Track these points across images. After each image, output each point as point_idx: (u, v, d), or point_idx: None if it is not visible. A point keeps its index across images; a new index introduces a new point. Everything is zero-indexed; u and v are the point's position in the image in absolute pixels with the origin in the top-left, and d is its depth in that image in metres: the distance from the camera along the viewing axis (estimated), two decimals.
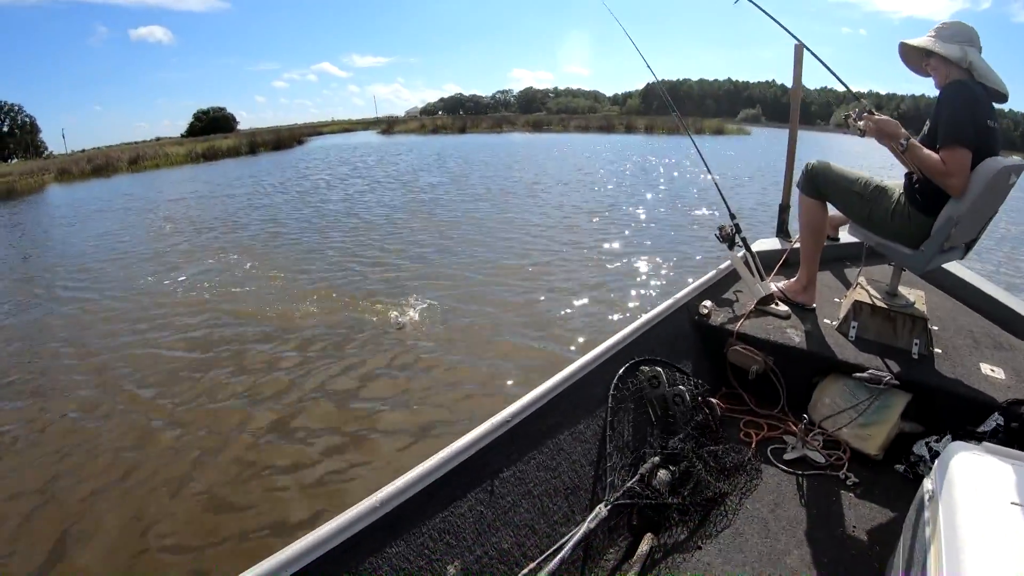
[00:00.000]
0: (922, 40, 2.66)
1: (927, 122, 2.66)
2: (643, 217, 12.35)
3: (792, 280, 3.29)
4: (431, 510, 1.71)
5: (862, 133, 2.73)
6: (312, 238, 11.10)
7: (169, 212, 15.96)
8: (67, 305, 7.92)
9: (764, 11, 3.55)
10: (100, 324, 6.98)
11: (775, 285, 3.24)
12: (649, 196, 15.19)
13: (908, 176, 2.76)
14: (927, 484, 1.53)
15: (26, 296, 8.59)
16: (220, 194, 19.19)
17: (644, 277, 7.98)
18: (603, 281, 7.74)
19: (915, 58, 2.75)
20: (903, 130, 2.57)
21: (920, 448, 2.40)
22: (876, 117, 2.66)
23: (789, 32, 3.55)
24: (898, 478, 2.38)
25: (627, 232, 10.76)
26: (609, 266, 8.43)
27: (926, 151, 2.49)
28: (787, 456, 2.51)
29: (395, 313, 5.93)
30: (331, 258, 9.55)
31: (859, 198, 2.86)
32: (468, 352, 5.56)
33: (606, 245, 9.78)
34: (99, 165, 38.64)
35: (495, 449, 1.93)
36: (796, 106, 4.07)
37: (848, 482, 2.36)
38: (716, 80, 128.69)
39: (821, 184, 3.00)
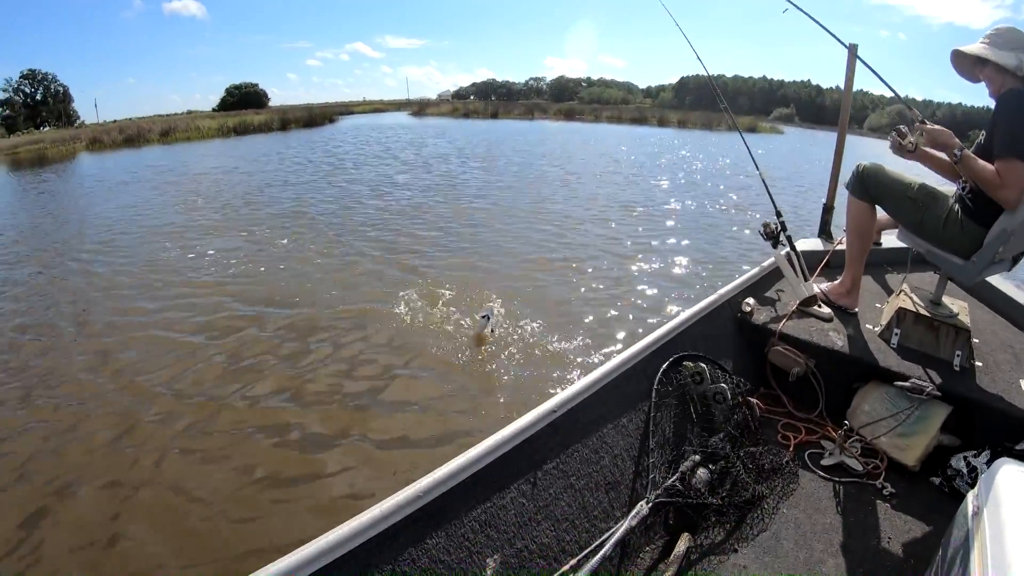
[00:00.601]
0: (976, 47, 2.59)
1: (982, 132, 2.61)
2: (680, 211, 12.30)
3: (835, 282, 3.24)
4: (473, 501, 1.70)
5: (914, 147, 2.67)
6: (340, 219, 11.09)
7: (200, 186, 16.05)
8: (78, 276, 8.00)
9: (814, 19, 3.51)
10: (109, 299, 7.03)
11: (817, 287, 3.20)
12: (688, 191, 15.12)
13: (961, 185, 2.71)
14: (971, 499, 1.51)
15: (45, 264, 8.73)
16: (255, 170, 19.18)
17: (681, 273, 7.92)
18: (638, 277, 7.70)
19: (967, 66, 2.69)
20: (956, 140, 2.52)
21: (958, 462, 2.36)
22: (929, 127, 2.61)
23: (838, 39, 3.50)
24: (934, 491, 2.34)
25: (666, 225, 10.75)
26: (645, 264, 8.34)
27: (980, 162, 2.44)
28: (824, 462, 2.48)
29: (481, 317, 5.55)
30: (363, 241, 9.48)
31: (911, 203, 2.79)
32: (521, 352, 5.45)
33: (644, 240, 9.73)
34: (130, 135, 38.87)
35: (539, 440, 1.91)
36: (847, 107, 4.03)
37: (884, 492, 2.33)
38: (751, 77, 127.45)
39: (872, 186, 2.93)
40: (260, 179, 16.72)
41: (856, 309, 3.13)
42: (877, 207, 3.03)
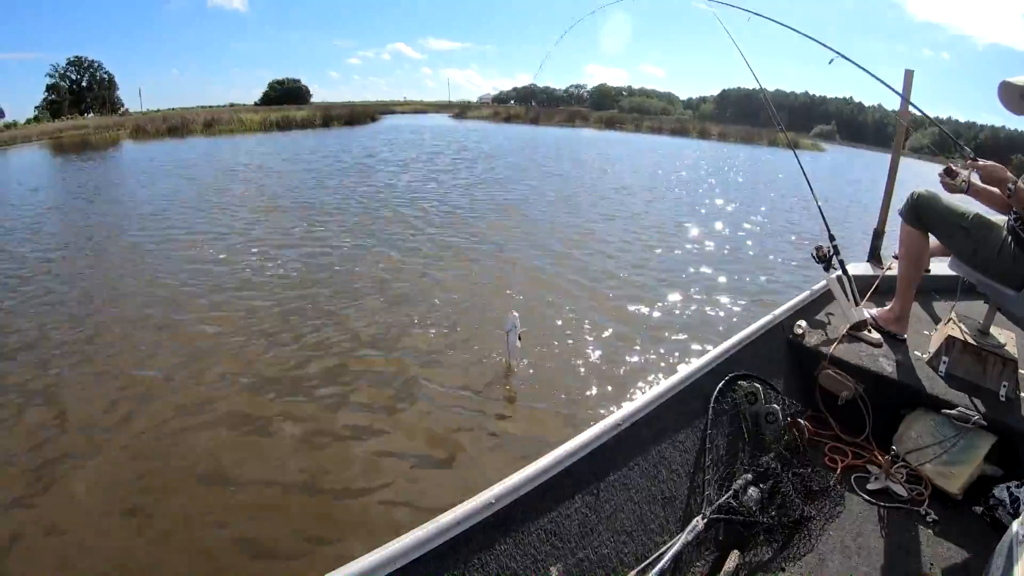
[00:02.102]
0: None
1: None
2: (733, 230, 12.20)
3: (885, 308, 3.26)
4: (541, 510, 1.76)
5: (966, 187, 2.71)
6: (388, 223, 11.02)
7: (254, 179, 16.42)
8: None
9: (861, 67, 3.51)
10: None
11: (868, 312, 3.22)
12: (739, 210, 14.96)
13: (1013, 216, 2.73)
14: (1016, 528, 1.55)
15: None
16: (310, 167, 19.23)
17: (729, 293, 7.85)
18: (684, 294, 7.67)
19: (1015, 98, 2.70)
20: (1009, 174, 2.56)
21: (1001, 492, 2.37)
22: (982, 163, 2.64)
23: (887, 85, 3.52)
24: (976, 520, 2.37)
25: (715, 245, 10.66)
26: (689, 286, 8.28)
27: None
28: (870, 486, 2.52)
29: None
30: (409, 244, 9.45)
31: (965, 233, 2.80)
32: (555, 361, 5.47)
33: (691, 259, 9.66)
34: (174, 125, 39.54)
35: (604, 452, 1.98)
36: (901, 132, 4.04)
37: (928, 518, 2.36)
38: (792, 92, 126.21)
39: (926, 215, 2.95)
40: (312, 178, 16.90)
41: (905, 336, 3.15)
42: (929, 235, 3.04)
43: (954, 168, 2.71)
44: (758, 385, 2.59)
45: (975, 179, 2.72)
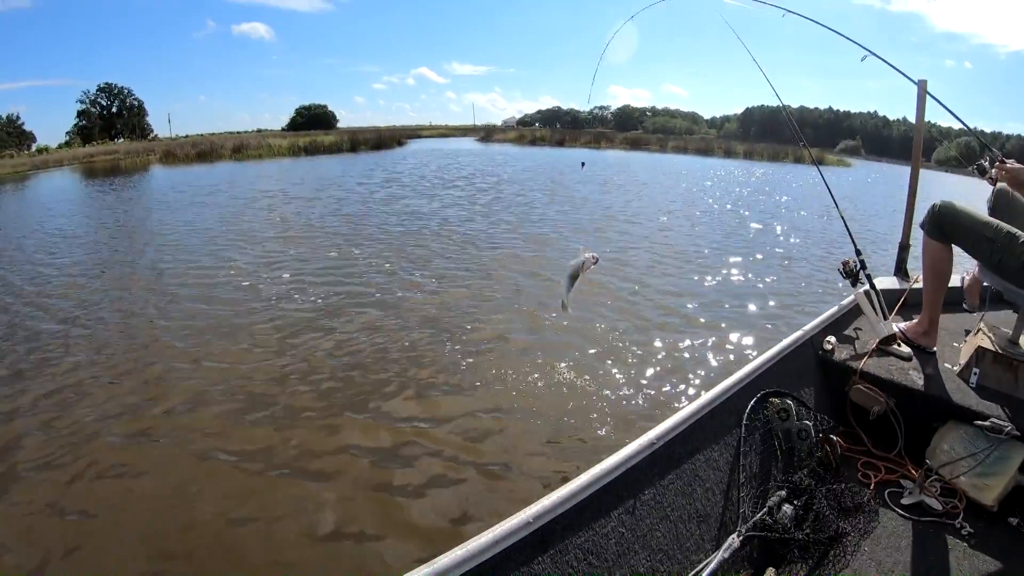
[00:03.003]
0: None
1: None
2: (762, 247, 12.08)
3: (913, 322, 3.24)
4: (578, 529, 1.78)
5: (993, 182, 2.71)
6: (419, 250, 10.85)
7: (289, 207, 16.38)
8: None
9: (890, 64, 3.53)
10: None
11: (896, 326, 3.21)
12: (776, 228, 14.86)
13: None
14: None
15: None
16: (343, 196, 19.01)
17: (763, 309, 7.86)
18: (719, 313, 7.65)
19: None
20: None
21: None
22: (1010, 165, 2.65)
23: (911, 80, 3.53)
24: (1012, 531, 2.35)
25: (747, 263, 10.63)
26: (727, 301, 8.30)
27: None
28: (904, 500, 2.52)
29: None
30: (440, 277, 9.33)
31: (990, 243, 2.77)
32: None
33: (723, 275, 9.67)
34: (203, 150, 40.36)
35: (639, 470, 2.00)
36: (919, 144, 4.04)
37: (963, 531, 2.35)
38: (816, 108, 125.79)
39: (948, 227, 2.93)
40: (347, 206, 16.74)
41: (934, 348, 3.13)
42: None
43: (985, 166, 2.72)
44: (790, 402, 2.59)
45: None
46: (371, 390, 5.09)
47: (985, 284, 3.06)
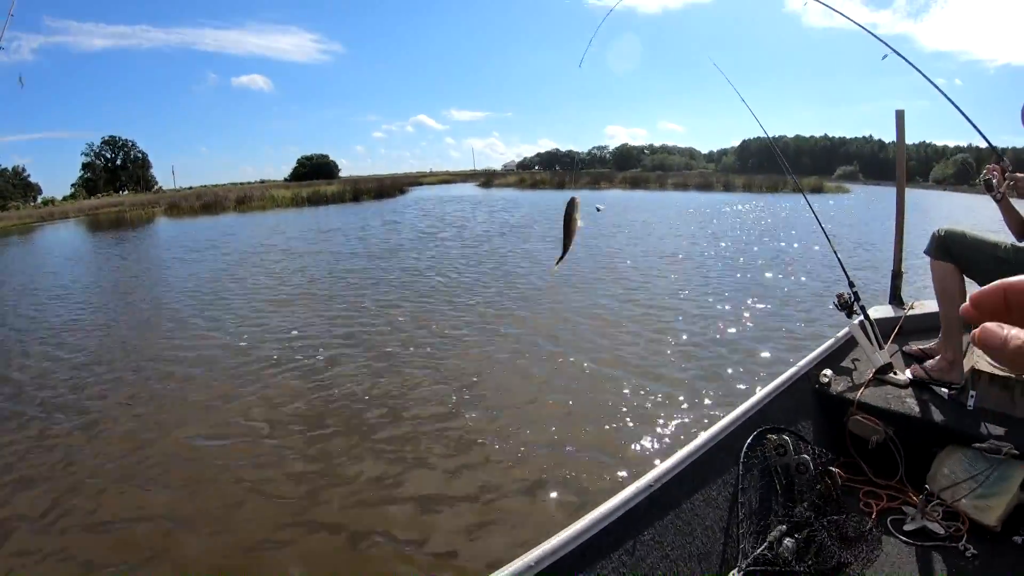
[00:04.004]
0: None
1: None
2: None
3: (935, 359, 3.14)
4: (579, 571, 1.82)
5: (1000, 196, 2.75)
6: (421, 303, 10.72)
7: (293, 260, 16.35)
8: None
9: (910, 63, 3.56)
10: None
11: (919, 366, 3.15)
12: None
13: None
14: None
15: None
16: (348, 249, 18.61)
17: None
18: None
19: None
20: None
21: None
22: (1020, 175, 2.68)
23: (931, 81, 3.56)
24: (1017, 549, 2.37)
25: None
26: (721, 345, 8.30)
27: None
28: (907, 527, 2.54)
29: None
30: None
31: (1001, 263, 2.78)
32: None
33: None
34: (208, 202, 40.80)
35: (637, 513, 2.04)
36: (902, 171, 4.11)
37: (967, 553, 2.36)
38: (812, 136, 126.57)
39: (956, 248, 2.94)
40: (357, 262, 16.74)
41: (961, 383, 2.97)
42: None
43: (993, 183, 2.75)
44: (787, 437, 2.62)
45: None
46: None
47: None
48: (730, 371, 6.55)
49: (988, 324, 0.44)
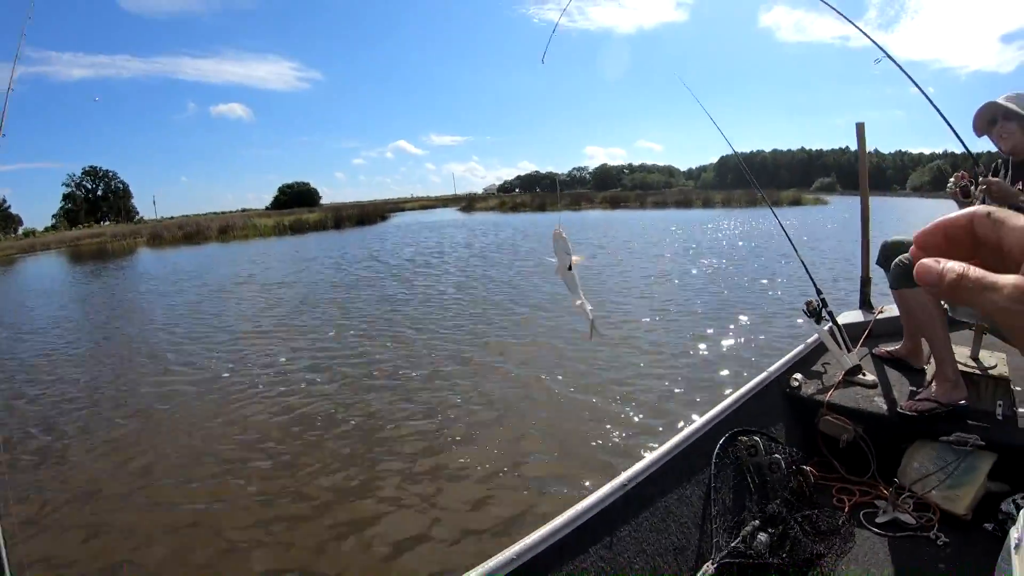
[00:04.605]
0: (1012, 106, 2.84)
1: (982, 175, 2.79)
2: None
3: (935, 384, 2.97)
4: (558, 565, 1.89)
5: (968, 196, 2.85)
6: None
7: (282, 292, 15.82)
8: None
9: (901, 68, 3.62)
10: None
11: (925, 400, 2.96)
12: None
13: None
14: (1013, 534, 1.64)
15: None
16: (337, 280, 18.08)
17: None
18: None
19: (983, 123, 2.98)
20: (1017, 191, 2.72)
21: (1008, 506, 2.45)
22: (993, 180, 2.79)
23: (920, 88, 3.64)
24: (987, 537, 2.44)
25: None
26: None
27: None
28: (879, 520, 2.62)
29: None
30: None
31: None
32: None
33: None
34: (189, 232, 40.56)
35: (614, 510, 2.11)
36: (864, 184, 4.24)
37: (939, 542, 2.44)
38: (789, 150, 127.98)
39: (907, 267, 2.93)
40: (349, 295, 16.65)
41: (963, 401, 2.87)
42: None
43: (969, 189, 2.85)
44: (757, 438, 2.71)
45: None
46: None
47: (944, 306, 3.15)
48: (711, 381, 6.66)
49: (924, 260, 0.45)
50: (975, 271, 0.43)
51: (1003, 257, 0.44)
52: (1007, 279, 0.41)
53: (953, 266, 0.43)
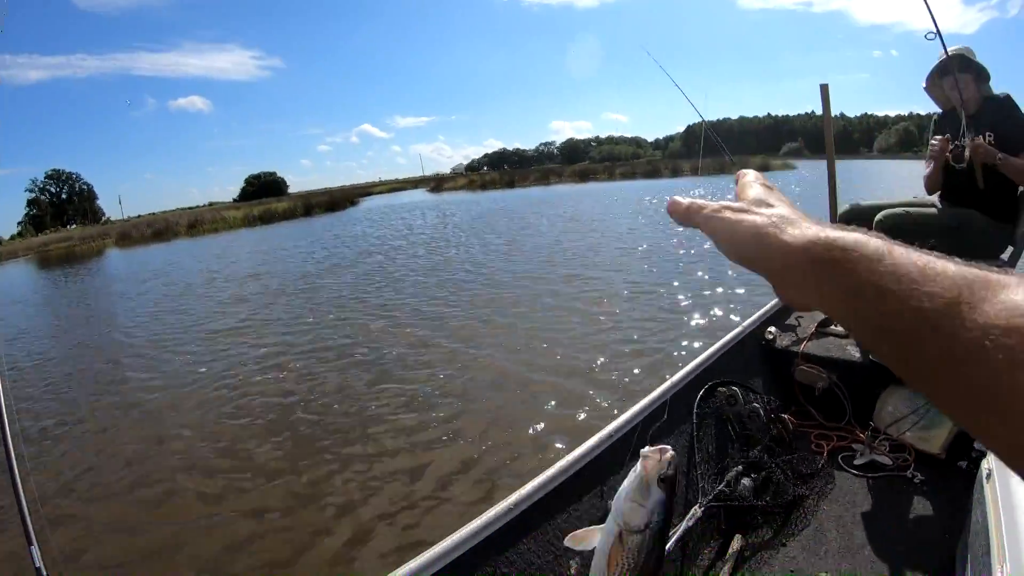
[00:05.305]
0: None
1: (970, 138, 2.85)
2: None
3: None
4: (555, 511, 1.97)
5: (966, 164, 2.92)
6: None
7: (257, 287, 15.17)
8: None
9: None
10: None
11: None
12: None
13: (973, 195, 2.90)
14: (984, 466, 1.72)
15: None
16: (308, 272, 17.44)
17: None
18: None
19: (936, 73, 3.10)
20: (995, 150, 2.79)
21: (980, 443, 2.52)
22: (980, 143, 2.85)
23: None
24: (962, 473, 2.53)
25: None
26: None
27: (1019, 161, 2.76)
28: (857, 462, 2.71)
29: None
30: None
31: (951, 231, 2.91)
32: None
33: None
34: (158, 230, 40.01)
35: (604, 459, 2.18)
36: (830, 144, 4.27)
37: (915, 480, 2.54)
38: (756, 116, 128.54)
39: (906, 232, 2.97)
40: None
41: None
42: None
43: (962, 153, 2.91)
44: (736, 388, 2.79)
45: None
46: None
47: None
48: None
49: (674, 196, 0.56)
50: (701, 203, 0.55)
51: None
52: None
53: (703, 202, 0.54)
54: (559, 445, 4.61)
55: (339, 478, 4.60)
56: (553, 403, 5.51)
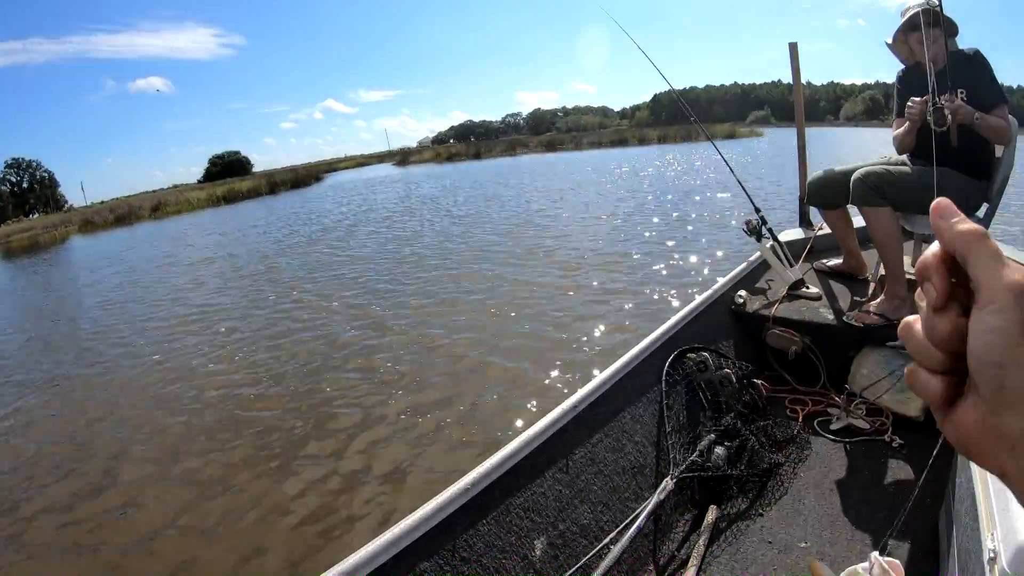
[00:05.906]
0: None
1: (947, 98, 2.77)
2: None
3: (882, 299, 2.97)
4: (516, 490, 1.86)
5: (946, 124, 2.84)
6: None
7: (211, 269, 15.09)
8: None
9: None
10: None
11: (874, 313, 2.94)
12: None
13: (947, 153, 2.84)
14: None
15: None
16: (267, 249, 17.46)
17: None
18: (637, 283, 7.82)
19: (904, 29, 3.03)
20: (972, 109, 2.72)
21: None
22: (957, 104, 2.78)
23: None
24: (941, 436, 2.46)
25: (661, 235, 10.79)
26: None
27: (993, 119, 2.69)
28: (833, 426, 2.65)
29: None
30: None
31: (927, 191, 2.77)
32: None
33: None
34: (121, 215, 39.47)
35: (567, 432, 2.08)
36: (800, 105, 4.21)
37: (894, 444, 2.49)
38: (723, 85, 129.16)
39: (889, 191, 2.87)
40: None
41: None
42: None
43: (945, 114, 2.83)
44: (706, 354, 2.70)
45: None
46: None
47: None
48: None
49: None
50: None
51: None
52: None
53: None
54: (519, 423, 4.51)
55: (295, 476, 4.32)
56: (518, 380, 5.41)
